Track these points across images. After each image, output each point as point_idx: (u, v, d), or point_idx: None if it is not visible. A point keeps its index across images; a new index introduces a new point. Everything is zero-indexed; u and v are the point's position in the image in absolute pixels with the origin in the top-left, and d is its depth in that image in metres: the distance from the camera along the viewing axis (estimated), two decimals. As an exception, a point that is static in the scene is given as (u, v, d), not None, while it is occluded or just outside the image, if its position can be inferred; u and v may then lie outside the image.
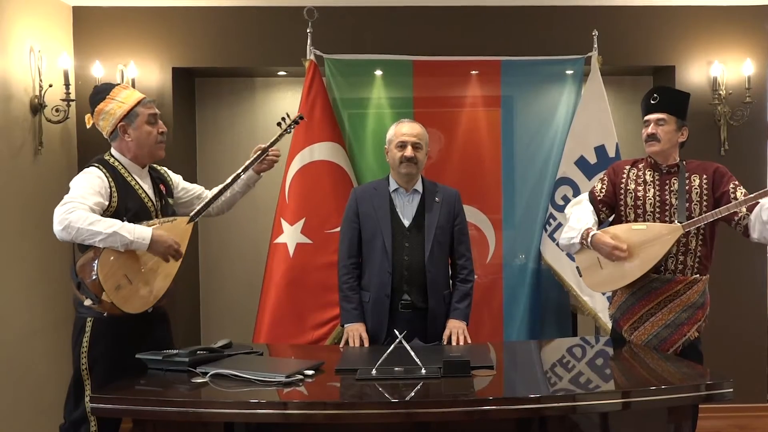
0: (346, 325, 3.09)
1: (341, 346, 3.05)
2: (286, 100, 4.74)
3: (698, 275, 2.86)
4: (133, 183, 2.71)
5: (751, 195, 2.71)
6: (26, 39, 3.73)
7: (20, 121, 3.69)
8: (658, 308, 2.87)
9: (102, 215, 2.54)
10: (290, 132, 3.16)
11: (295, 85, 4.52)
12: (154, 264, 2.64)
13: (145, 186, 2.76)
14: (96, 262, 2.49)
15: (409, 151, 3.04)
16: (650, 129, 2.92)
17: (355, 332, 3.03)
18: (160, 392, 2.27)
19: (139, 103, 2.72)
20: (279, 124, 3.11)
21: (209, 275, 4.82)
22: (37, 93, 3.79)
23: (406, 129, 3.09)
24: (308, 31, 3.96)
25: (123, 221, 2.55)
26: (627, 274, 2.85)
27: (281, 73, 4.67)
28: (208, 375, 2.34)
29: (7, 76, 3.57)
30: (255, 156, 3.01)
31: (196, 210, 2.87)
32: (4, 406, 3.50)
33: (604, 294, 3.77)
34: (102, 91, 2.74)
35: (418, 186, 3.13)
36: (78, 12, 4.24)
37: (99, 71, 4.11)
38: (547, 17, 4.30)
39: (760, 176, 4.35)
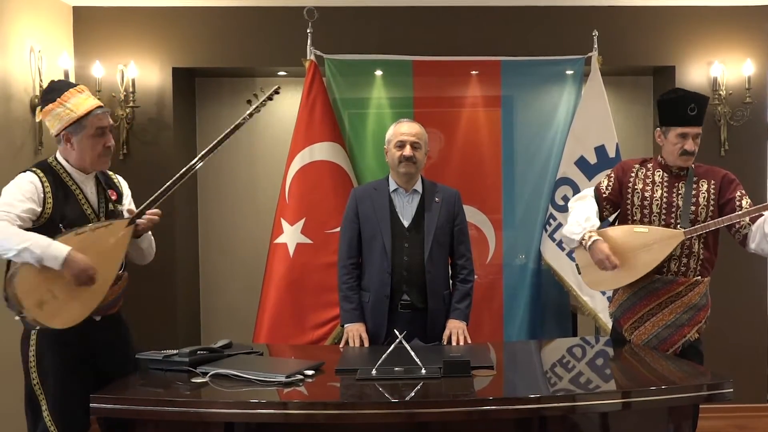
0: (346, 325, 3.08)
1: (341, 346, 3.05)
2: (287, 100, 4.72)
3: (700, 277, 2.86)
4: (74, 188, 2.53)
5: (755, 207, 2.73)
6: (26, 39, 3.73)
7: (20, 121, 3.69)
8: (660, 308, 2.87)
9: (35, 221, 2.41)
10: (265, 105, 2.92)
11: (295, 85, 4.51)
12: None
13: (88, 191, 2.57)
14: (16, 277, 2.32)
15: (407, 151, 3.03)
16: (689, 145, 2.82)
17: (355, 332, 3.03)
18: (161, 392, 2.27)
19: (89, 113, 2.49)
20: (249, 101, 2.92)
21: (209, 275, 4.82)
22: (37, 93, 3.77)
23: (405, 128, 3.08)
24: (308, 31, 3.96)
25: (59, 226, 2.41)
26: (624, 275, 2.85)
27: (281, 73, 4.66)
28: (208, 375, 2.34)
29: (7, 76, 3.57)
30: (224, 136, 2.84)
31: (138, 210, 2.59)
32: (4, 406, 3.49)
33: (604, 294, 3.78)
34: (54, 91, 2.52)
35: (418, 186, 3.12)
36: (78, 12, 4.24)
37: (99, 71, 4.11)
38: (547, 17, 4.30)
39: (760, 176, 4.35)
